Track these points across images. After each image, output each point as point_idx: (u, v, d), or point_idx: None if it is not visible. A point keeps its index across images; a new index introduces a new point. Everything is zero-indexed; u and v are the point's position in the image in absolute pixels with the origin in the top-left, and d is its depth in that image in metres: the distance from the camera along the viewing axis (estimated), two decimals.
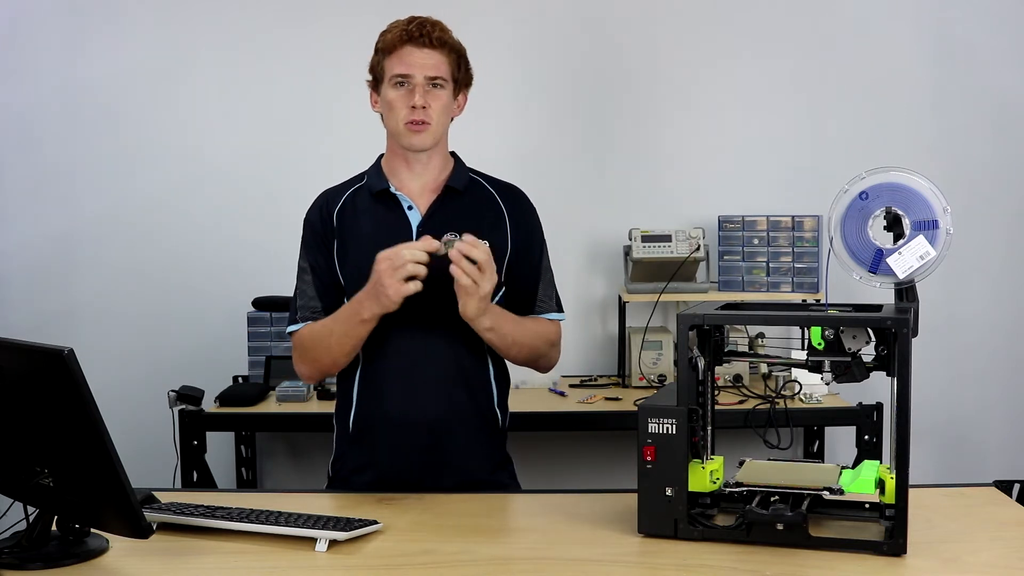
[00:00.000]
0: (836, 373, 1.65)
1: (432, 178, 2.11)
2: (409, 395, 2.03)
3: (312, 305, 2.08)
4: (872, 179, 1.70)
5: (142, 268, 3.68)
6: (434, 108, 2.03)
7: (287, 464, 3.76)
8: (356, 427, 2.08)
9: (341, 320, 1.99)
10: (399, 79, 2.02)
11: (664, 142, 3.70)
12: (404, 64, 2.01)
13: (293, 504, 1.80)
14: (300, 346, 2.08)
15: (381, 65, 2.06)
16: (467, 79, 2.12)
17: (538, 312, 2.14)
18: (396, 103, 2.03)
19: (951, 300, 3.58)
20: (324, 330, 2.03)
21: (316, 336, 2.04)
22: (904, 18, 3.66)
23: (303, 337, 2.07)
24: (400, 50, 2.02)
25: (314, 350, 2.05)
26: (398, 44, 2.02)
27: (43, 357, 1.46)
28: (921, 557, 1.55)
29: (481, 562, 1.58)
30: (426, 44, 2.01)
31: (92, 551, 1.61)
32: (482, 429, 2.11)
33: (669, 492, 1.63)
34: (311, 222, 2.12)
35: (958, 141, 3.66)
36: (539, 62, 3.67)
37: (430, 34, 2.02)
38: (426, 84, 2.02)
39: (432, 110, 2.02)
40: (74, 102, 3.66)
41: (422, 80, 2.01)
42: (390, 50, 2.03)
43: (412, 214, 2.08)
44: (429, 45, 2.02)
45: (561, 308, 2.18)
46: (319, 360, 2.06)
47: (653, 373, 3.41)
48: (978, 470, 3.44)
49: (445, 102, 2.05)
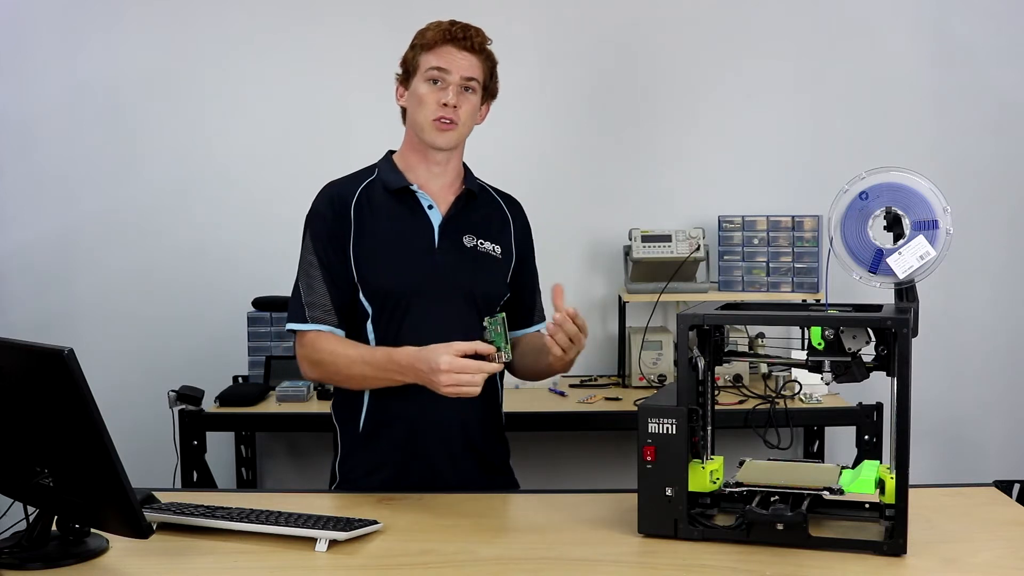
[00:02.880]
0: (836, 373, 1.65)
1: (449, 180, 2.11)
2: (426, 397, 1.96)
3: (322, 303, 2.02)
4: (872, 179, 1.70)
5: (142, 268, 3.68)
6: (463, 110, 2.04)
7: (287, 464, 3.76)
8: (367, 428, 2.07)
9: (376, 369, 1.94)
10: (434, 74, 2.02)
11: (664, 142, 3.70)
12: (442, 60, 2.02)
13: (293, 504, 1.80)
14: (312, 353, 2.02)
15: (416, 60, 2.05)
16: (494, 91, 2.15)
17: (536, 322, 2.19)
18: (427, 98, 2.03)
19: (951, 300, 3.58)
20: (350, 363, 1.97)
21: (338, 363, 1.98)
22: (904, 18, 3.66)
23: (319, 349, 2.01)
24: (440, 48, 2.03)
25: (331, 369, 2.00)
26: (439, 42, 2.03)
27: (43, 357, 1.46)
28: (921, 557, 1.55)
29: (481, 562, 1.58)
30: (466, 47, 2.03)
31: (92, 551, 1.60)
32: (492, 428, 2.13)
33: (669, 492, 1.63)
34: (322, 214, 2.06)
35: (958, 141, 3.66)
36: (539, 63, 3.67)
37: (472, 38, 2.04)
38: (460, 85, 2.03)
39: (461, 111, 2.03)
40: (74, 102, 3.66)
41: (457, 79, 2.02)
42: (430, 46, 2.03)
43: (433, 214, 2.07)
44: (469, 48, 2.03)
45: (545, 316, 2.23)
46: (333, 378, 2.03)
47: (653, 373, 3.41)
48: (978, 470, 3.44)
49: (474, 106, 2.07)
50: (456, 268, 2.02)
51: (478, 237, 2.09)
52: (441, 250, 2.05)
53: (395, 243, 2.04)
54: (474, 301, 2.04)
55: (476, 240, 2.08)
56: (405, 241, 2.04)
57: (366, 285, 2.03)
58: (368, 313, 2.04)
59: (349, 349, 1.99)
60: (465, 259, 2.05)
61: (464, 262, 2.04)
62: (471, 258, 2.06)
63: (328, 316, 2.03)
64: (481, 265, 2.06)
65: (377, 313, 2.04)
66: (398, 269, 2.03)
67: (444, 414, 2.02)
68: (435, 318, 2.01)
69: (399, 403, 2.02)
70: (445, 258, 2.04)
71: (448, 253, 2.05)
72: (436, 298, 2.02)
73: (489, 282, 2.09)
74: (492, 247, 2.10)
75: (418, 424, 2.03)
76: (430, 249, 2.05)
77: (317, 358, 2.01)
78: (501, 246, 2.11)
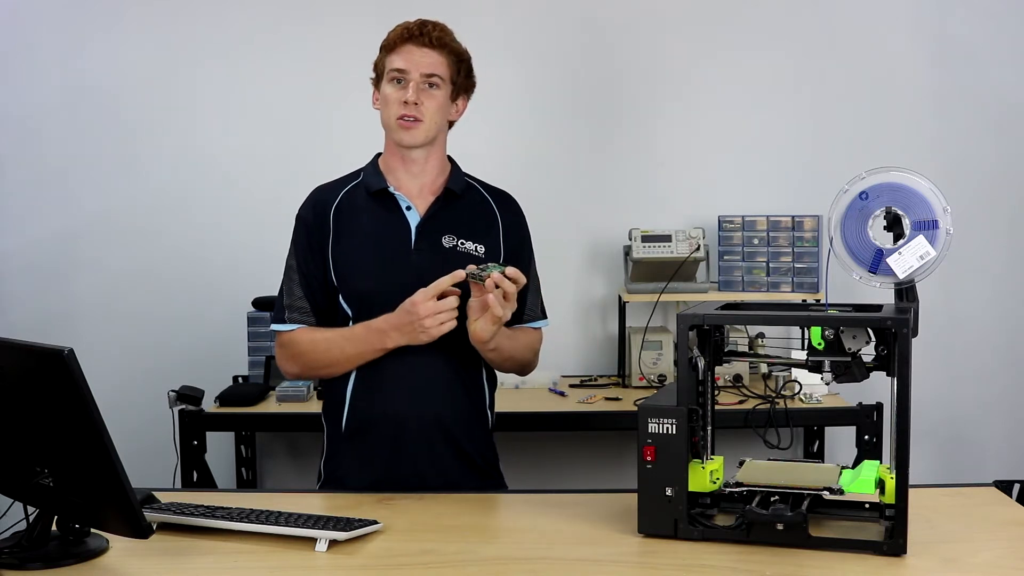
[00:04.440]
0: (836, 373, 1.65)
1: (430, 180, 2.11)
2: (407, 395, 2.04)
3: (300, 306, 2.08)
4: (872, 179, 1.70)
5: (142, 268, 3.68)
6: (427, 106, 2.04)
7: (287, 464, 3.76)
8: (349, 427, 2.08)
9: (357, 342, 2.00)
10: (396, 75, 2.04)
11: (664, 142, 3.71)
12: (402, 59, 2.04)
13: (293, 504, 1.80)
14: (291, 348, 2.08)
15: (382, 63, 2.09)
16: (468, 85, 2.14)
17: (526, 321, 2.16)
18: (390, 98, 2.05)
19: (951, 300, 3.58)
20: (329, 344, 2.03)
21: (317, 348, 2.05)
22: (904, 18, 3.66)
23: (297, 342, 2.07)
24: (400, 47, 2.05)
25: (311, 357, 2.06)
26: (399, 42, 2.06)
27: (43, 357, 1.46)
28: (921, 557, 1.55)
29: (481, 562, 1.58)
30: (425, 43, 2.04)
31: (92, 551, 1.61)
32: (477, 428, 2.13)
33: (669, 492, 1.63)
34: (303, 219, 2.12)
35: (958, 141, 3.66)
36: (538, 62, 3.67)
37: (430, 34, 2.05)
38: (421, 82, 2.04)
39: (425, 108, 2.04)
40: (74, 102, 3.66)
41: (417, 77, 2.03)
42: (391, 47, 2.07)
43: (411, 215, 2.08)
44: (428, 44, 2.04)
45: (545, 315, 2.21)
46: (313, 366, 2.08)
47: (653, 373, 3.41)
48: (978, 470, 3.44)
49: (440, 102, 2.06)
50: (432, 269, 1.99)
51: (459, 237, 2.08)
52: (418, 251, 2.05)
53: (372, 246, 2.05)
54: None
55: (456, 240, 2.07)
56: (382, 243, 2.05)
57: (345, 288, 2.05)
58: (348, 315, 2.07)
59: (327, 333, 2.05)
60: (442, 260, 2.03)
61: (441, 263, 2.01)
62: (449, 258, 2.04)
63: (306, 318, 2.08)
64: (460, 265, 2.01)
65: (356, 315, 2.06)
66: (375, 271, 2.04)
67: (425, 412, 2.04)
68: None
69: (380, 402, 2.04)
70: (422, 259, 2.04)
71: (424, 254, 2.05)
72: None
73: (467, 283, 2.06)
74: (474, 247, 2.08)
75: (399, 422, 2.04)
76: (406, 250, 2.05)
77: (297, 351, 2.07)
78: (486, 245, 2.09)
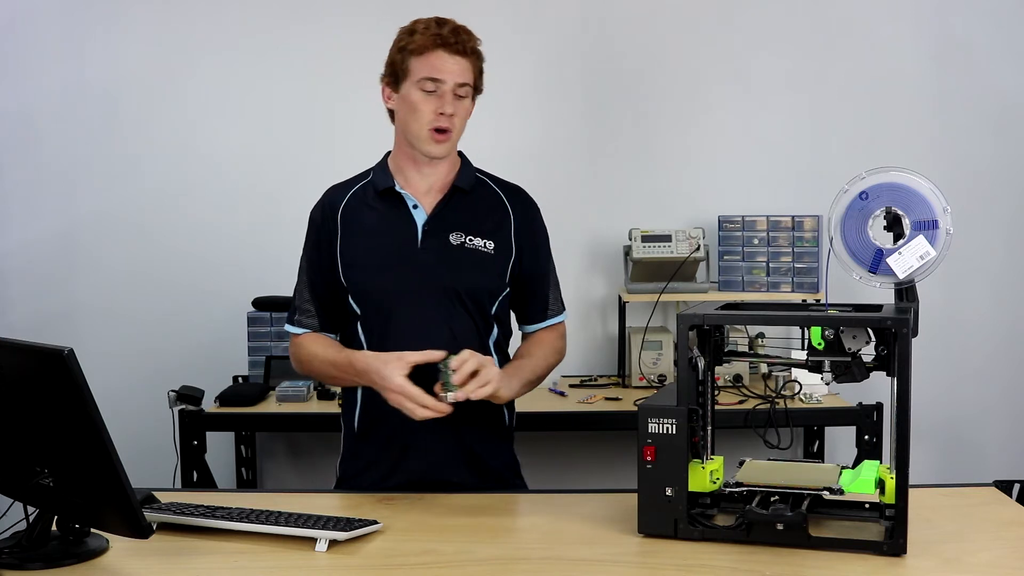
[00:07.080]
0: (836, 373, 1.65)
1: (439, 178, 2.10)
2: None
3: (307, 308, 2.10)
4: (872, 179, 1.70)
5: (142, 268, 3.68)
6: (459, 117, 2.02)
7: (287, 464, 3.76)
8: (362, 425, 2.08)
9: (341, 369, 2.03)
10: (428, 84, 1.98)
11: (664, 142, 3.70)
12: (436, 69, 1.97)
13: (293, 504, 1.80)
14: (297, 353, 2.13)
15: (406, 64, 2.00)
16: (480, 87, 2.11)
17: (549, 316, 2.16)
18: (422, 106, 1.99)
19: (951, 300, 3.58)
20: (321, 364, 2.07)
21: (312, 363, 2.09)
22: (904, 18, 3.66)
23: (301, 351, 2.11)
24: (431, 53, 1.98)
25: (308, 368, 2.11)
26: (430, 47, 1.97)
27: (43, 357, 1.46)
28: (921, 557, 1.55)
29: (481, 562, 1.58)
30: (458, 51, 1.98)
31: (92, 551, 1.61)
32: (491, 427, 2.11)
33: (669, 492, 1.63)
34: (313, 219, 2.13)
35: (958, 141, 3.66)
36: (539, 62, 3.67)
37: (464, 42, 1.99)
38: (454, 92, 1.99)
39: (457, 118, 2.01)
40: (74, 102, 3.66)
41: (452, 87, 1.99)
42: (420, 52, 1.98)
43: (417, 213, 2.07)
44: (461, 52, 1.99)
45: (564, 306, 2.21)
46: (316, 377, 2.19)
47: (653, 373, 3.41)
48: (978, 470, 3.44)
49: (468, 110, 2.05)
50: (439, 267, 2.00)
51: (467, 234, 2.05)
52: (424, 249, 2.04)
53: (379, 245, 2.05)
54: (460, 300, 2.03)
55: (464, 237, 2.05)
56: (389, 242, 2.05)
57: (352, 287, 2.05)
58: (357, 314, 2.07)
59: (326, 350, 2.07)
60: (449, 257, 2.03)
61: (448, 260, 2.01)
62: (456, 256, 2.03)
63: (310, 320, 2.10)
64: (468, 263, 2.03)
65: (365, 314, 2.06)
66: (381, 270, 2.04)
67: None
68: (420, 318, 2.01)
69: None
70: (428, 257, 2.03)
71: (431, 252, 2.04)
72: (420, 298, 2.01)
73: (476, 279, 2.05)
74: (483, 243, 2.06)
75: (409, 423, 2.02)
76: (413, 249, 2.04)
77: (299, 358, 2.13)
78: (496, 241, 2.07)
